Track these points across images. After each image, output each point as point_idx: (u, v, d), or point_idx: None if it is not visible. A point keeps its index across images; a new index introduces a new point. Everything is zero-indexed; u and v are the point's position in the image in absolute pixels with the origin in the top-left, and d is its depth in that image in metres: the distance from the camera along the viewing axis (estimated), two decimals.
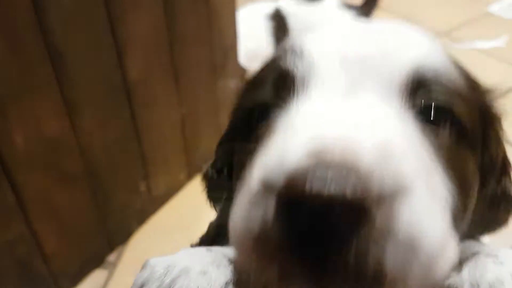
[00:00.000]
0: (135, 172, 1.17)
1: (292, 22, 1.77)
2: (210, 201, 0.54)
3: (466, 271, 0.34)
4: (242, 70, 1.44)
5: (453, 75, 0.38)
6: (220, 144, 0.50)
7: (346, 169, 0.25)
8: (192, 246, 0.49)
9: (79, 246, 1.10)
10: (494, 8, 2.22)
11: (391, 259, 0.25)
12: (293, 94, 0.35)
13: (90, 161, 1.03)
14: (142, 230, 1.26)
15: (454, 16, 2.16)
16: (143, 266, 0.36)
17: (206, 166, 0.56)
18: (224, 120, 1.54)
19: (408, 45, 0.38)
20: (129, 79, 1.05)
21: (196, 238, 1.25)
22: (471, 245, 0.41)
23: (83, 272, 1.14)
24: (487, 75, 1.83)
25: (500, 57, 1.87)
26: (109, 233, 1.16)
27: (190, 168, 1.35)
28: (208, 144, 1.41)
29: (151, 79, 1.11)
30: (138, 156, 1.16)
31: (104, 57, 0.99)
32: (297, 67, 0.36)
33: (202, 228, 1.31)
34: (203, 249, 0.39)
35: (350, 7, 1.87)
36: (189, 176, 1.37)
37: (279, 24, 1.73)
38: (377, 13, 2.23)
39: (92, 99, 0.99)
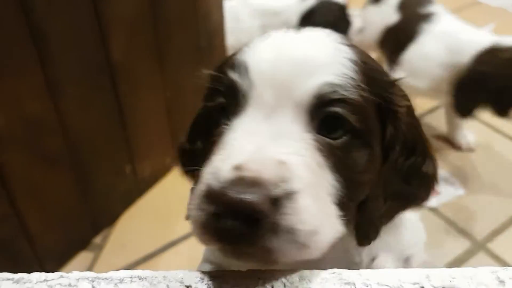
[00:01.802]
0: (119, 155, 1.17)
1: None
2: (184, 174, 0.64)
3: None
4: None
5: (350, 85, 0.45)
6: (193, 124, 0.61)
7: (251, 183, 0.38)
8: None
9: (64, 228, 1.10)
10: None
11: (278, 241, 0.38)
12: (238, 104, 0.46)
13: (73, 143, 1.03)
14: (128, 213, 1.27)
15: (442, 4, 2.16)
16: None
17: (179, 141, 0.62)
18: None
19: (314, 67, 0.45)
20: (112, 60, 1.05)
21: (182, 222, 1.25)
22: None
23: (68, 254, 1.14)
24: None
25: None
26: (94, 215, 1.17)
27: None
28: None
29: (134, 61, 1.11)
30: (123, 138, 1.16)
31: (87, 37, 0.99)
32: (241, 82, 0.46)
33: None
34: None
35: None
36: (175, 161, 1.37)
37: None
38: None
39: (74, 80, 0.99)
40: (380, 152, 0.49)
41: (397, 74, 1.33)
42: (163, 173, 1.34)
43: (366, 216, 0.49)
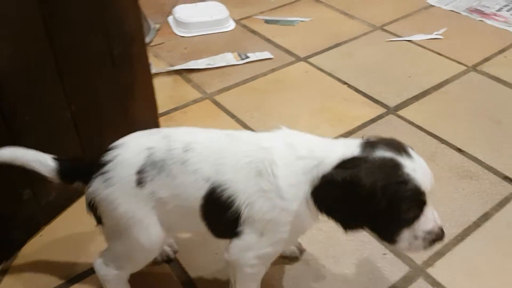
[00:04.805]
0: (14, 178, 1.00)
1: None
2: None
3: None
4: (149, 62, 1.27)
5: None
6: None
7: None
8: None
9: None
10: (434, 0, 2.11)
11: None
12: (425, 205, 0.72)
13: None
14: (31, 243, 1.08)
15: (394, 10, 2.04)
16: None
17: None
18: (135, 114, 1.36)
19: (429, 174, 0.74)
20: None
21: (95, 248, 1.08)
22: None
23: None
24: (423, 67, 1.73)
25: (437, 50, 1.76)
26: None
27: None
28: (114, 141, 1.25)
29: (24, 71, 0.94)
30: None
31: None
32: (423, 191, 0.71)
33: (103, 241, 1.13)
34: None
35: None
36: None
37: None
38: (316, 6, 2.10)
39: None
40: None
41: None
42: (72, 197, 1.16)
43: None
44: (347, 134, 1.37)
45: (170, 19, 1.99)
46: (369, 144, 0.73)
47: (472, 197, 1.16)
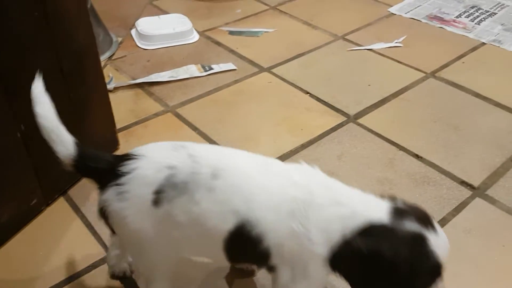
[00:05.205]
0: None
1: None
2: None
3: None
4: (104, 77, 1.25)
5: None
6: None
7: None
8: None
9: None
10: (395, 8, 2.15)
11: None
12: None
13: None
14: None
15: (356, 19, 2.06)
16: None
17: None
18: (90, 131, 1.33)
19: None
20: None
21: (50, 271, 1.04)
22: None
23: None
24: (382, 75, 1.75)
25: (396, 57, 1.78)
26: None
27: (45, 191, 1.15)
28: None
29: None
30: None
31: None
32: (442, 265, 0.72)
33: (59, 262, 1.09)
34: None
35: None
36: (45, 201, 1.16)
37: None
38: (280, 17, 2.11)
39: None
40: None
41: None
42: (27, 218, 1.12)
43: None
44: (308, 144, 1.37)
45: (133, 32, 1.97)
46: (398, 212, 0.73)
47: (429, 202, 1.17)
